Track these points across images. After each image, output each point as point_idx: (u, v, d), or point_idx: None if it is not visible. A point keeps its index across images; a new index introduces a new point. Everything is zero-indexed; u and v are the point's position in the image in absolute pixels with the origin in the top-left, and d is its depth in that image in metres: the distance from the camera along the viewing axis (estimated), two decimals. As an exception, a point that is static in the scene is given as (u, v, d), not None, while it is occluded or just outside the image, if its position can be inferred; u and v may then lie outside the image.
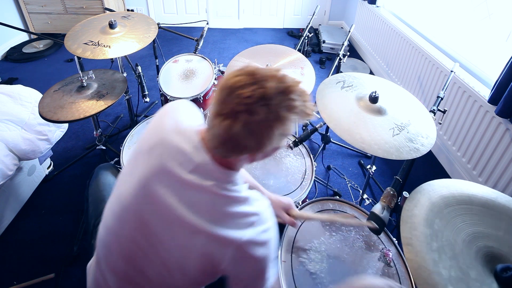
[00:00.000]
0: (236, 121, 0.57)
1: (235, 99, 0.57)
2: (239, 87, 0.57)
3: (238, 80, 0.58)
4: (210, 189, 0.63)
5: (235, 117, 0.57)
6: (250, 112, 0.56)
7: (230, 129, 0.57)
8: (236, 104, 0.57)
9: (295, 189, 1.23)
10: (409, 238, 0.64)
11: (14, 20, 3.67)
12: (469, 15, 2.13)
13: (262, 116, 0.56)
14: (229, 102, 0.58)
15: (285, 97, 0.58)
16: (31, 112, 1.76)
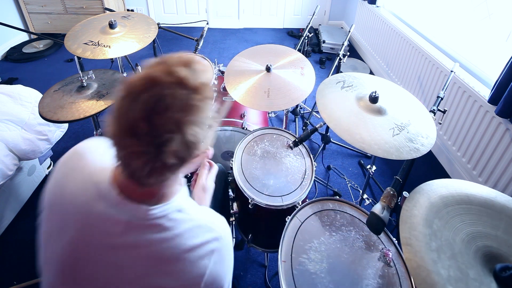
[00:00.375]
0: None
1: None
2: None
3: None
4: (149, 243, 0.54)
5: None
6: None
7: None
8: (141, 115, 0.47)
9: (295, 189, 1.23)
10: (408, 238, 0.64)
11: (14, 20, 3.68)
12: (469, 15, 2.13)
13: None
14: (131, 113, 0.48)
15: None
16: (31, 112, 1.76)
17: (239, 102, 1.45)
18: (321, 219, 1.08)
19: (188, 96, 0.49)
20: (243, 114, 1.83)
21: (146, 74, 0.48)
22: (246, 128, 1.71)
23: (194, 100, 0.49)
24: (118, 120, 0.48)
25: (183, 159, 0.51)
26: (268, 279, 1.50)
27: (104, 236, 0.54)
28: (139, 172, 0.49)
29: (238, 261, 1.58)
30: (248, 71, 1.57)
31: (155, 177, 0.51)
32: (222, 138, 1.80)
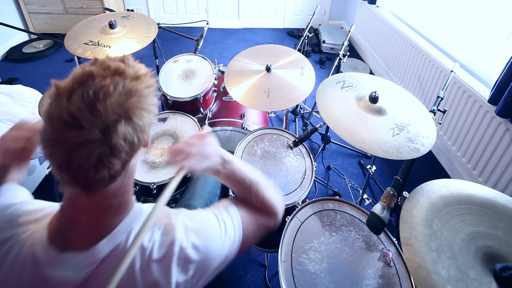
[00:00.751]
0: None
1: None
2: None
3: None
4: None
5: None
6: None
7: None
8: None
9: (295, 189, 1.23)
10: (408, 238, 0.64)
11: (14, 20, 3.68)
12: (469, 15, 2.13)
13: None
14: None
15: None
16: (31, 112, 1.76)
17: (239, 102, 1.45)
18: (321, 219, 1.08)
19: (129, 83, 0.48)
20: (243, 114, 1.83)
21: (79, 73, 0.47)
22: (246, 128, 1.71)
23: (135, 86, 0.48)
24: (53, 119, 0.44)
25: (132, 144, 0.49)
26: (268, 279, 1.50)
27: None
28: (85, 166, 0.45)
29: (238, 261, 1.58)
30: (248, 71, 1.57)
31: (104, 169, 0.46)
32: (222, 138, 1.80)
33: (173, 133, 1.52)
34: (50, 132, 0.44)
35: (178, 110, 1.66)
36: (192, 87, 1.76)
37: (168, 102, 1.74)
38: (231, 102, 1.92)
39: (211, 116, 1.82)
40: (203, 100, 1.75)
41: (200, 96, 1.71)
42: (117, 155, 0.47)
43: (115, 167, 0.48)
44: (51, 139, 0.44)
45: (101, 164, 0.46)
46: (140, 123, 0.49)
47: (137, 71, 0.51)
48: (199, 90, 1.73)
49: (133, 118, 0.47)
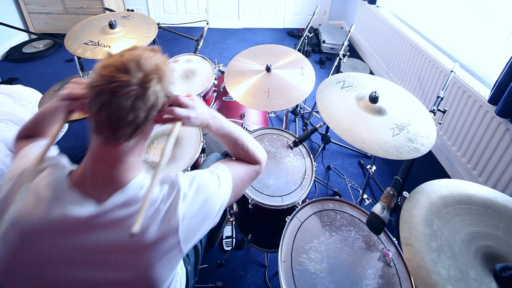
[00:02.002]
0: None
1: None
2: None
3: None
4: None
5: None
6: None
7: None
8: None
9: (295, 189, 1.23)
10: (408, 238, 0.64)
11: (14, 20, 3.68)
12: (469, 15, 2.13)
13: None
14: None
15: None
16: (31, 112, 1.76)
17: (239, 102, 1.45)
18: (321, 219, 1.08)
19: (161, 59, 0.63)
20: (243, 114, 1.83)
21: (127, 47, 0.63)
22: (246, 128, 1.71)
23: (164, 62, 0.63)
24: (107, 66, 0.57)
25: (156, 100, 0.60)
26: (268, 279, 1.50)
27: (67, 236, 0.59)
28: (121, 106, 0.56)
29: (238, 261, 1.58)
30: (248, 71, 1.57)
31: (132, 114, 0.57)
32: (222, 138, 1.80)
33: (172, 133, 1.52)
34: (103, 75, 0.56)
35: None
36: (192, 87, 1.76)
37: (168, 102, 1.74)
38: (231, 102, 1.92)
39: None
40: (203, 100, 1.76)
41: (200, 96, 1.71)
42: (146, 102, 0.58)
43: (140, 116, 0.59)
44: (103, 79, 0.56)
45: (133, 108, 0.57)
46: (164, 88, 0.62)
47: (166, 59, 0.65)
48: (199, 90, 1.73)
49: (162, 81, 0.61)
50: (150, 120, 0.62)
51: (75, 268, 0.59)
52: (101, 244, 0.59)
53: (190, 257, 1.04)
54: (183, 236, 0.63)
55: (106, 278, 0.60)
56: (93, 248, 0.59)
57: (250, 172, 0.84)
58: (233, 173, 0.78)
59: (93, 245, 0.59)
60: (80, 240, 0.59)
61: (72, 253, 0.59)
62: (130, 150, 0.63)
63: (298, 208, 1.10)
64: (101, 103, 0.56)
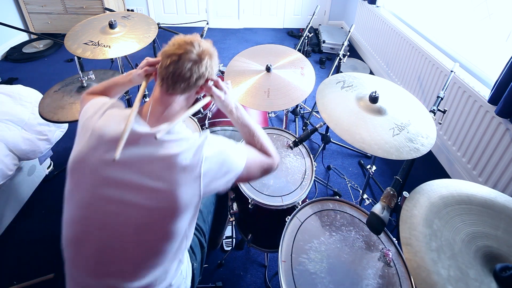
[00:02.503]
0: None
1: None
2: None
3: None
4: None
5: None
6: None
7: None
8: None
9: (295, 189, 1.23)
10: (408, 238, 0.64)
11: (14, 20, 3.68)
12: (469, 15, 2.13)
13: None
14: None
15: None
16: (31, 112, 1.76)
17: (239, 102, 1.45)
18: (321, 219, 1.08)
19: (213, 48, 0.86)
20: (243, 114, 1.83)
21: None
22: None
23: (214, 51, 0.86)
24: (177, 42, 0.80)
25: (206, 71, 0.82)
26: (268, 279, 1.50)
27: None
28: (185, 65, 0.77)
29: (238, 261, 1.58)
30: (248, 71, 1.57)
31: (189, 72, 0.78)
32: (222, 138, 1.80)
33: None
34: (175, 44, 0.80)
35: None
36: (192, 87, 1.76)
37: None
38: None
39: (211, 116, 1.82)
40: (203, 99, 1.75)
41: (200, 96, 1.71)
42: (199, 69, 0.80)
43: (193, 77, 0.80)
44: (175, 47, 0.79)
45: (190, 69, 0.79)
46: (212, 65, 0.84)
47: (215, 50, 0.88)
48: (199, 90, 1.73)
49: (212, 60, 0.84)
50: (197, 85, 0.83)
51: (126, 171, 0.74)
52: (148, 156, 0.74)
53: (196, 254, 1.05)
54: (203, 173, 0.77)
55: (143, 186, 0.73)
56: (143, 157, 0.74)
57: (263, 159, 0.93)
58: (249, 154, 0.89)
59: (143, 155, 0.74)
60: (136, 150, 0.74)
61: (128, 159, 0.74)
62: (180, 102, 0.83)
63: (298, 208, 1.10)
64: (170, 61, 0.77)
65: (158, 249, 0.76)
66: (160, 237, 0.76)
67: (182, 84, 0.79)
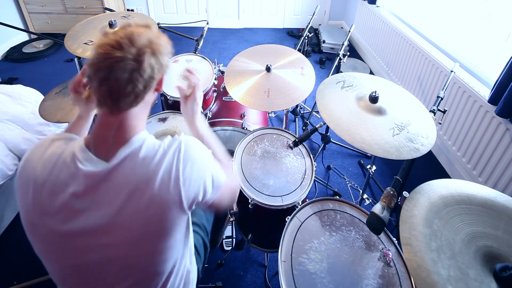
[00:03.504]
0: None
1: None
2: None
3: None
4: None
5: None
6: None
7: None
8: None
9: (295, 189, 1.23)
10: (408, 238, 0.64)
11: (14, 20, 3.68)
12: (469, 15, 2.13)
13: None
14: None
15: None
16: (31, 112, 1.76)
17: (239, 102, 1.45)
18: (321, 219, 1.08)
19: (156, 33, 0.70)
20: (243, 114, 1.83)
21: (120, 25, 0.68)
22: (246, 128, 1.71)
23: (159, 36, 0.70)
24: (103, 46, 0.62)
25: (153, 71, 0.66)
26: (268, 279, 1.51)
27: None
28: (120, 79, 0.62)
29: (238, 261, 1.58)
30: (248, 71, 1.57)
31: (131, 85, 0.63)
32: (222, 138, 1.80)
33: (173, 133, 1.53)
34: (100, 53, 0.62)
35: (178, 110, 1.66)
36: (192, 87, 1.76)
37: (168, 102, 1.74)
38: (231, 102, 1.92)
39: (211, 116, 1.82)
40: (203, 100, 1.75)
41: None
42: (141, 74, 0.64)
43: (139, 87, 0.64)
44: (100, 57, 0.62)
45: (130, 80, 0.63)
46: (160, 59, 0.68)
47: (159, 33, 0.71)
48: (199, 90, 1.73)
49: (156, 54, 0.66)
50: (150, 90, 0.68)
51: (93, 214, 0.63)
52: (116, 189, 0.64)
53: (201, 255, 1.04)
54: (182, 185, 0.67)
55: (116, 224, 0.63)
56: (109, 192, 0.64)
57: (231, 179, 0.84)
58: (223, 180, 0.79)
59: (109, 190, 0.64)
60: (96, 192, 0.64)
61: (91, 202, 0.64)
62: (133, 116, 0.68)
63: (298, 208, 1.10)
64: (100, 78, 0.61)
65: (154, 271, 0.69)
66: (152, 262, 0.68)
67: (126, 99, 0.64)
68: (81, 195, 0.63)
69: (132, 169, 0.64)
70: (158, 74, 0.68)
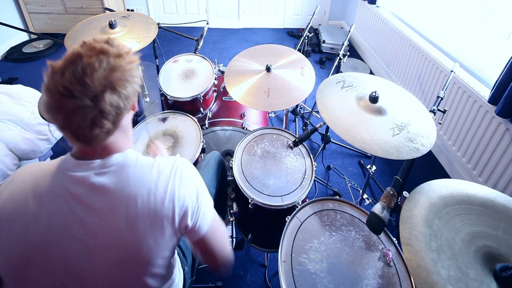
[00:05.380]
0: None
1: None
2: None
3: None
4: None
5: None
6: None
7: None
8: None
9: (295, 189, 1.23)
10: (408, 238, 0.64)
11: (14, 20, 3.68)
12: (469, 15, 2.13)
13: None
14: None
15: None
16: (31, 112, 1.76)
17: (239, 102, 1.45)
18: (321, 219, 1.08)
19: (113, 60, 0.58)
20: (243, 114, 1.83)
21: (70, 54, 0.58)
22: (246, 128, 1.71)
23: (118, 62, 0.59)
24: (51, 92, 0.54)
25: (119, 108, 0.59)
26: (268, 279, 1.50)
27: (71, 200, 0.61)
28: (82, 126, 0.56)
29: (238, 261, 1.58)
30: (248, 71, 1.57)
31: (97, 128, 0.57)
32: (222, 138, 1.80)
33: (173, 133, 1.52)
34: (50, 102, 0.55)
35: (178, 110, 1.66)
36: (192, 87, 1.76)
37: (168, 102, 1.74)
38: (231, 102, 1.92)
39: (211, 116, 1.82)
40: (203, 100, 1.75)
41: (200, 96, 1.71)
42: (106, 117, 0.57)
43: (107, 126, 0.58)
44: (52, 107, 0.55)
45: (94, 124, 0.56)
46: (124, 92, 0.59)
47: (120, 50, 0.61)
48: (199, 90, 1.73)
49: (117, 88, 0.58)
50: (123, 117, 0.63)
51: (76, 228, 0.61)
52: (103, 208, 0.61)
53: (187, 257, 1.04)
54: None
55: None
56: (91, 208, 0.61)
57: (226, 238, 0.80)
58: (215, 215, 0.77)
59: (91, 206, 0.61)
60: (87, 199, 0.61)
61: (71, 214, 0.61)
62: (115, 139, 0.64)
63: (298, 208, 1.10)
64: (60, 127, 0.57)
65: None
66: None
67: (97, 138, 0.59)
68: (77, 200, 0.62)
69: (126, 179, 0.63)
70: (127, 104, 0.61)
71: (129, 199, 0.62)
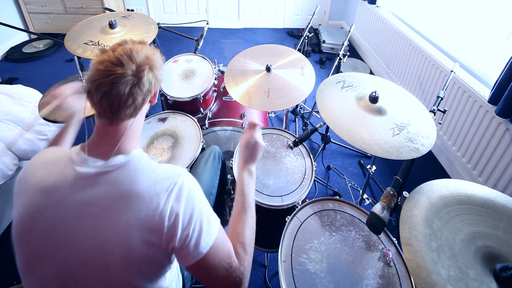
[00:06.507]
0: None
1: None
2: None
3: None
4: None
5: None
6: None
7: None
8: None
9: (295, 189, 1.23)
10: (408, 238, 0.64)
11: (14, 20, 3.68)
12: (469, 15, 2.13)
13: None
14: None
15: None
16: (31, 112, 1.76)
17: (239, 102, 1.45)
18: (321, 219, 1.08)
19: (150, 50, 0.73)
20: (243, 114, 1.83)
21: (117, 41, 0.72)
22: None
23: (153, 53, 0.73)
24: (104, 63, 0.65)
25: (150, 89, 0.70)
26: (268, 279, 1.50)
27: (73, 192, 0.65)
28: (121, 93, 0.65)
29: (238, 261, 1.58)
30: (248, 71, 1.57)
31: (130, 99, 0.66)
32: (222, 138, 1.80)
33: (172, 133, 1.52)
34: (100, 69, 0.64)
35: (178, 110, 1.66)
36: (192, 87, 1.76)
37: (168, 102, 1.74)
38: (231, 102, 1.92)
39: (211, 116, 1.82)
40: (203, 100, 1.75)
41: (200, 96, 1.71)
42: (142, 88, 0.68)
43: (138, 100, 0.68)
44: (101, 73, 0.64)
45: (130, 94, 0.66)
46: (157, 75, 0.72)
47: (153, 48, 0.75)
48: (199, 90, 1.73)
49: (153, 69, 0.71)
50: (147, 102, 0.73)
51: (81, 222, 0.64)
52: (104, 196, 0.65)
53: None
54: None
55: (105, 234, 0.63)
56: (97, 200, 0.65)
57: (232, 252, 0.75)
58: (221, 232, 0.75)
59: (98, 197, 0.65)
60: (86, 193, 0.65)
61: (78, 208, 0.64)
62: (131, 126, 0.72)
63: (298, 208, 1.10)
64: (101, 93, 0.64)
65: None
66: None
67: (126, 111, 0.67)
68: (77, 196, 0.65)
69: (125, 178, 0.66)
70: (154, 87, 0.72)
71: (119, 203, 0.64)
